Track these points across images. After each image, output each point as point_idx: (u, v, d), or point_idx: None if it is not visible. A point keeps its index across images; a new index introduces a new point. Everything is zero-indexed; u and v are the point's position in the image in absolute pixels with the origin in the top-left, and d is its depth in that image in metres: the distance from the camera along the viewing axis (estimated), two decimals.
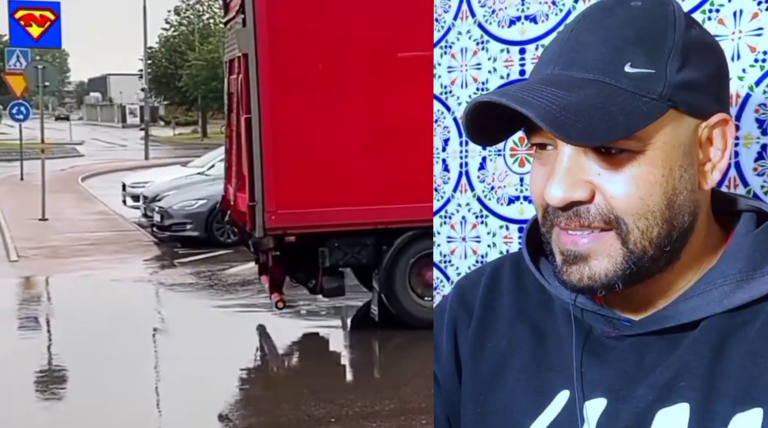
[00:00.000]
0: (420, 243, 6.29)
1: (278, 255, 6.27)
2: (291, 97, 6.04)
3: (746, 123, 1.31)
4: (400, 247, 6.34)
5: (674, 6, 0.92)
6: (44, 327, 7.56)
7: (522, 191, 1.74)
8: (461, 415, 1.17)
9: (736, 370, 0.89)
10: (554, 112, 0.84)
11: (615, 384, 0.98)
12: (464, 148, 1.87)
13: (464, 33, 1.86)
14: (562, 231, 0.93)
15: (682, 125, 0.90)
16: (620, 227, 0.90)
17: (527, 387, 1.07)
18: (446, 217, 1.92)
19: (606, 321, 1.02)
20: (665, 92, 0.87)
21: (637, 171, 0.88)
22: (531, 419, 1.04)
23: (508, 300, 1.17)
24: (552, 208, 0.93)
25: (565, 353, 1.05)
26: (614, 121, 0.85)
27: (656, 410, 0.92)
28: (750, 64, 1.30)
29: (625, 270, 0.91)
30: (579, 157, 0.90)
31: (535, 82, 0.90)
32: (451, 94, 1.89)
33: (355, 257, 6.33)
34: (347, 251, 6.29)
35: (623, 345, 1.00)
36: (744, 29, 1.30)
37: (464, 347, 1.19)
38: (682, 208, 0.91)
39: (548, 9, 1.67)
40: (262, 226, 5.99)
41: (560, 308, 1.09)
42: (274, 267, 6.45)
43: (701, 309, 0.94)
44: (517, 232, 1.75)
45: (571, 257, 0.93)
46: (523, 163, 1.74)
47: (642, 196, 0.89)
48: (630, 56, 0.87)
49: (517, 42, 1.73)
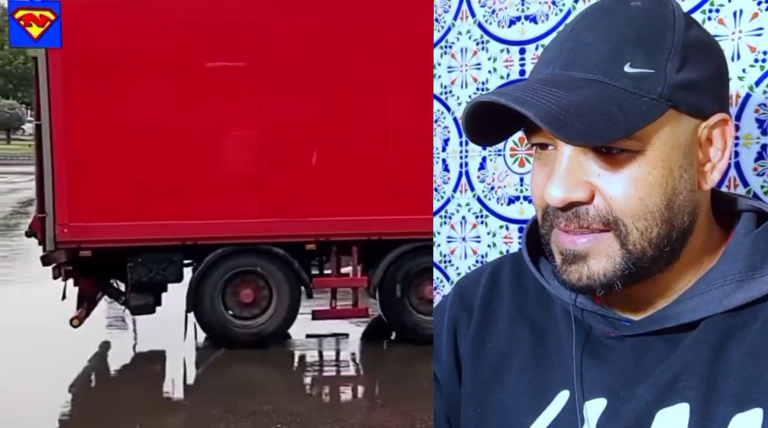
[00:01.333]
0: (234, 259, 6.10)
1: (78, 268, 5.95)
2: (88, 104, 5.67)
3: (746, 123, 1.31)
4: (209, 265, 6.05)
5: (674, 6, 0.92)
6: None
7: (522, 191, 1.74)
8: (461, 415, 1.17)
9: (736, 370, 0.89)
10: (554, 112, 0.84)
11: (615, 384, 0.98)
12: (464, 148, 1.87)
13: (464, 33, 1.86)
14: (561, 231, 0.93)
15: (681, 125, 0.90)
16: (619, 228, 0.90)
17: (527, 387, 1.07)
18: (446, 217, 1.92)
19: (606, 321, 1.02)
20: (665, 92, 0.87)
21: (637, 171, 0.88)
22: (531, 419, 1.04)
23: (508, 301, 1.17)
24: (552, 209, 0.93)
25: (565, 353, 1.05)
26: (614, 120, 0.85)
27: (656, 410, 0.92)
28: (750, 64, 1.30)
29: (624, 271, 0.91)
30: (579, 157, 0.90)
31: (535, 82, 0.90)
32: (451, 94, 1.89)
33: (161, 274, 6.02)
34: (152, 267, 5.99)
35: (623, 345, 1.00)
36: (744, 29, 1.30)
37: (464, 347, 1.19)
38: (682, 208, 0.91)
39: (548, 9, 1.67)
40: (52, 239, 5.69)
41: (560, 308, 1.09)
42: (84, 280, 6.11)
43: (701, 309, 0.94)
44: (517, 232, 1.75)
45: (570, 256, 0.93)
46: (523, 163, 1.74)
47: (642, 196, 0.89)
48: (630, 56, 0.87)
49: (517, 42, 1.73)
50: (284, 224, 6.03)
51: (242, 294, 6.18)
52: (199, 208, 5.90)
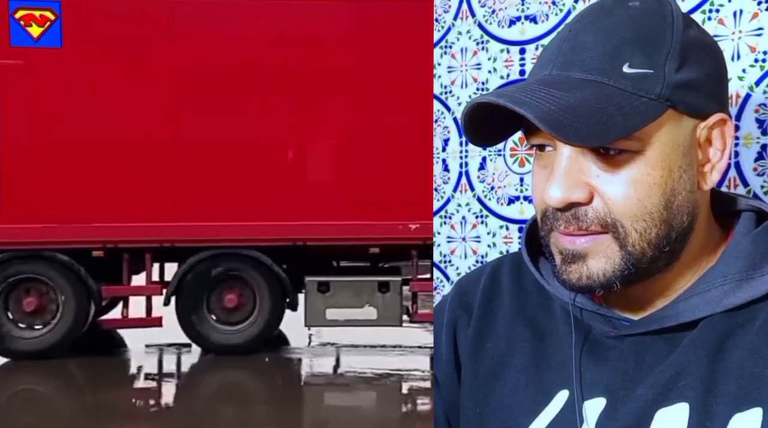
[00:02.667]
0: (14, 266, 5.90)
1: None
2: None
3: (746, 123, 1.31)
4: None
5: (672, 6, 0.91)
6: None
7: (522, 191, 1.74)
8: (461, 415, 1.17)
9: (736, 370, 0.89)
10: (552, 113, 0.84)
11: (614, 383, 0.98)
12: (464, 148, 1.87)
13: (464, 33, 1.86)
14: (561, 233, 0.93)
15: (680, 125, 0.90)
16: (617, 230, 0.90)
17: (527, 386, 1.07)
18: (446, 217, 1.92)
19: (605, 320, 1.02)
20: (664, 92, 0.87)
21: (636, 172, 0.88)
22: (530, 418, 1.04)
23: (508, 300, 1.16)
24: (551, 211, 0.93)
25: (564, 353, 1.05)
26: (612, 121, 0.85)
27: (655, 409, 0.92)
28: (750, 64, 1.30)
29: (623, 271, 0.91)
30: (578, 158, 0.90)
31: (534, 82, 0.90)
32: (451, 94, 1.89)
33: None
34: None
35: (623, 345, 1.00)
36: (744, 29, 1.30)
37: (464, 346, 1.19)
38: (681, 208, 0.91)
39: (548, 9, 1.67)
40: None
41: (560, 308, 1.09)
42: None
43: (701, 309, 0.93)
44: (517, 232, 1.75)
45: (569, 256, 0.93)
46: (523, 163, 1.74)
47: (640, 197, 0.89)
48: (628, 56, 0.87)
49: (517, 42, 1.74)
50: (67, 230, 5.82)
51: (25, 302, 5.95)
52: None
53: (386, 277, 6.37)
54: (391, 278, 6.34)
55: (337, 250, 6.41)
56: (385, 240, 6.17)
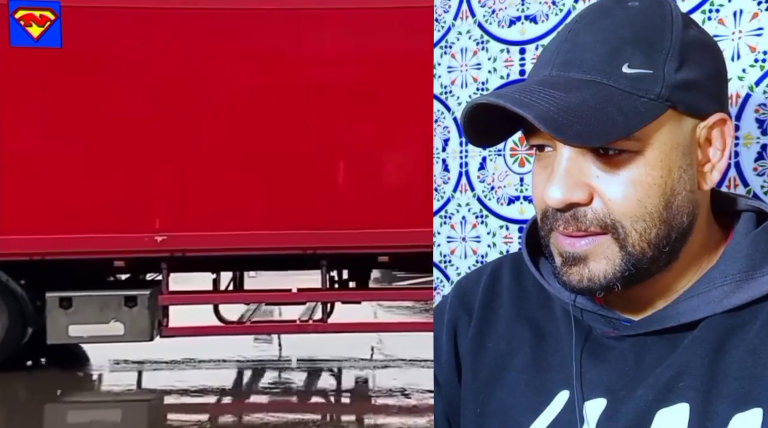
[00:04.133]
0: None
1: None
2: None
3: (746, 123, 1.31)
4: None
5: (672, 6, 0.91)
6: None
7: (522, 191, 1.74)
8: (461, 415, 1.17)
9: (736, 370, 0.89)
10: (552, 114, 0.84)
11: (615, 384, 0.98)
12: (464, 148, 1.87)
13: (464, 33, 1.85)
14: (561, 234, 0.93)
15: (680, 125, 0.90)
16: (617, 231, 0.90)
17: (527, 387, 1.07)
18: (446, 217, 1.92)
19: (606, 321, 1.02)
20: (663, 92, 0.87)
21: (636, 172, 0.88)
22: (531, 419, 1.04)
23: (508, 300, 1.16)
24: (551, 212, 0.93)
25: (564, 353, 1.05)
26: (612, 121, 0.85)
27: (656, 410, 0.92)
28: (750, 64, 1.30)
29: (624, 272, 0.91)
30: (578, 158, 0.90)
31: (533, 83, 0.90)
32: (451, 94, 1.89)
33: None
34: None
35: (623, 346, 1.00)
36: (744, 29, 1.30)
37: (464, 347, 1.19)
38: (681, 208, 0.91)
39: (548, 9, 1.67)
40: None
41: (560, 308, 1.09)
42: None
43: (701, 309, 0.93)
44: (517, 232, 1.75)
45: (570, 259, 0.93)
46: (523, 163, 1.74)
47: (640, 198, 0.89)
48: (627, 56, 0.87)
49: (517, 42, 1.73)
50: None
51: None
52: None
53: (133, 291, 6.20)
54: (138, 292, 6.17)
55: (80, 264, 6.16)
56: (128, 254, 5.99)
